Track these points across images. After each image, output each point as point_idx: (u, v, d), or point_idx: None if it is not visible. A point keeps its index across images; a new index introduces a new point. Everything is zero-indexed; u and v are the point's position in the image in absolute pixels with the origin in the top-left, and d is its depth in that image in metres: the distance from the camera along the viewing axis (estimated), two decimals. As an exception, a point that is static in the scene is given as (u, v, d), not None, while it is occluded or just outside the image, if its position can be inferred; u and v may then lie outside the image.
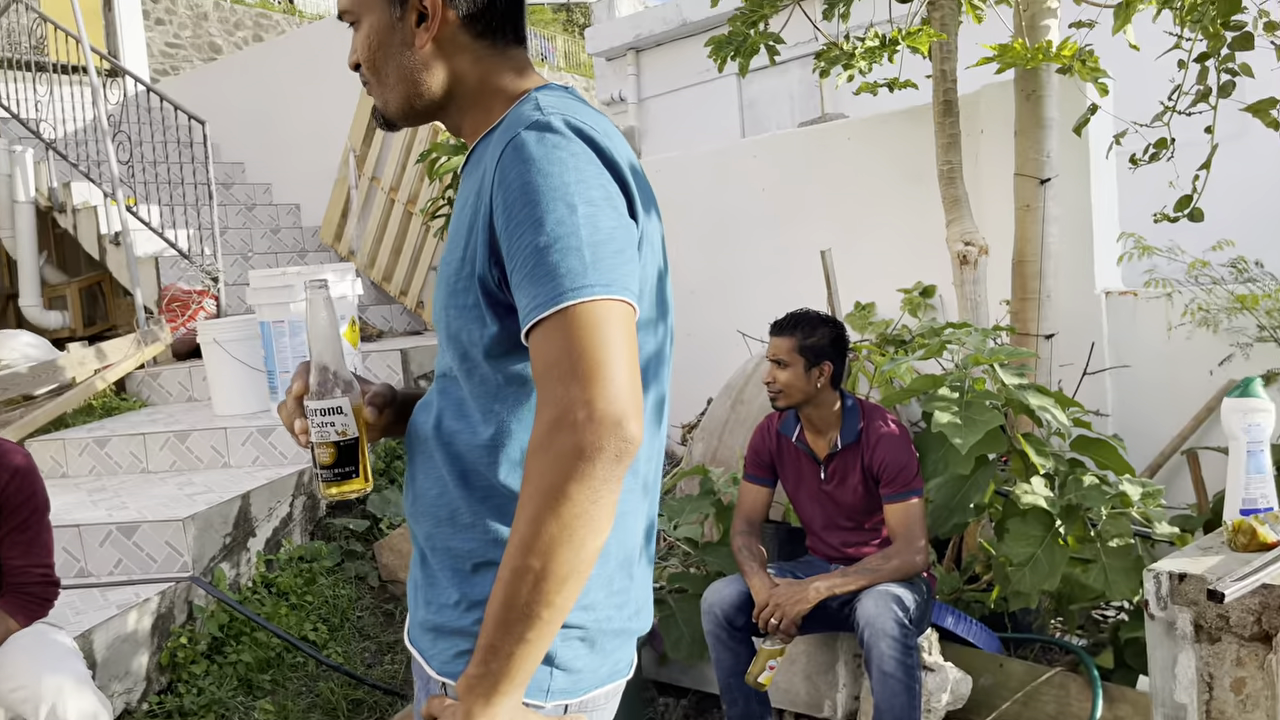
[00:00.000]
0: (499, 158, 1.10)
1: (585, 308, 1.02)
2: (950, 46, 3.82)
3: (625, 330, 1.04)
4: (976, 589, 3.40)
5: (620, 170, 1.11)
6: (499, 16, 1.24)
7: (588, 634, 1.17)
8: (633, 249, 1.10)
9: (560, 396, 1.01)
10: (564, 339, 1.02)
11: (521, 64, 1.27)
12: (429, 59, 1.22)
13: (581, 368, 1.01)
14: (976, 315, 3.80)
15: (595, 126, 1.12)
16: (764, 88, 9.63)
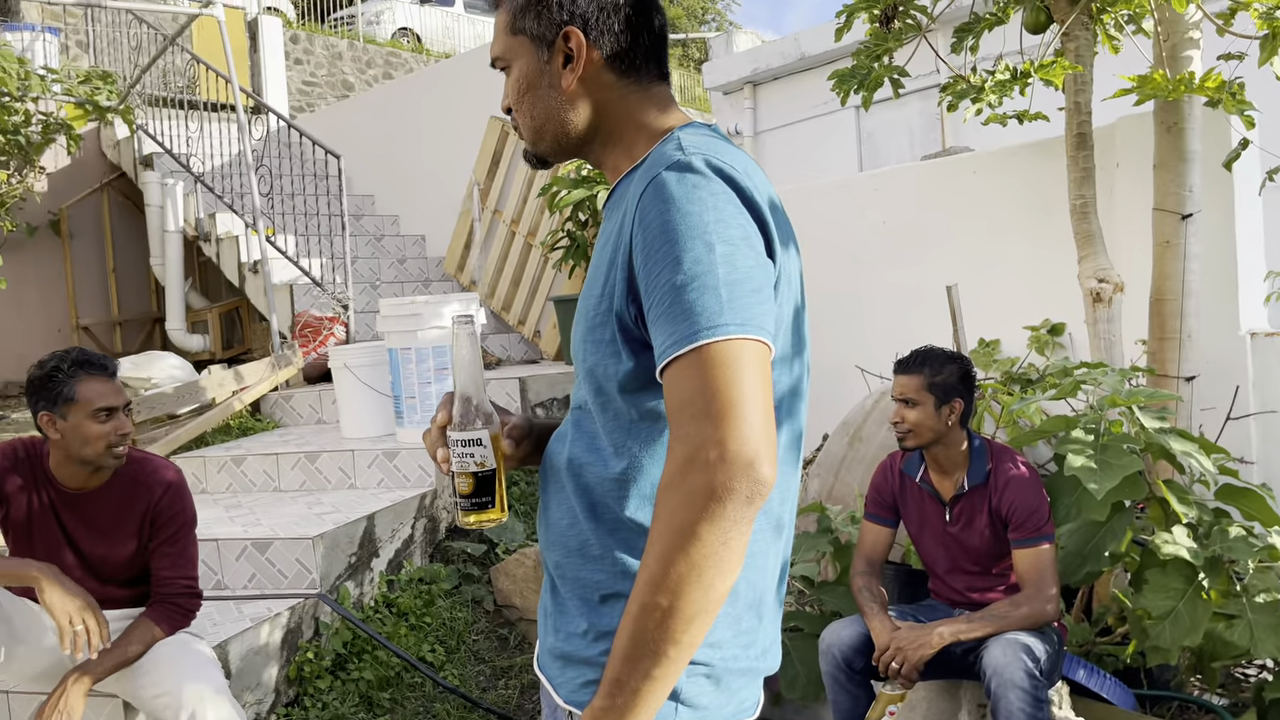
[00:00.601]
0: (640, 197, 1.12)
1: (720, 346, 1.03)
2: (1085, 78, 3.72)
3: (760, 370, 1.04)
4: (1109, 642, 3.25)
5: (759, 209, 1.12)
6: (642, 55, 1.27)
7: (713, 671, 1.16)
8: (769, 289, 1.10)
9: (693, 435, 1.02)
10: (698, 377, 1.03)
11: (665, 101, 1.29)
12: (575, 99, 1.26)
13: (715, 407, 1.01)
14: (1110, 355, 3.66)
15: (736, 165, 1.12)
16: (883, 120, 9.54)
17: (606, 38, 1.24)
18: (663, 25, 1.29)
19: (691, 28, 31.20)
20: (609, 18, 1.24)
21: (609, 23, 1.24)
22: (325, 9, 17.40)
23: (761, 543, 1.20)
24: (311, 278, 6.28)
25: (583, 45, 1.24)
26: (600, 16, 1.24)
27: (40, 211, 7.78)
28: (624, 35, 1.24)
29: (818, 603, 3.42)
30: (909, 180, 5.23)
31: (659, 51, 1.29)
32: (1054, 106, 3.91)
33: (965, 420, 2.81)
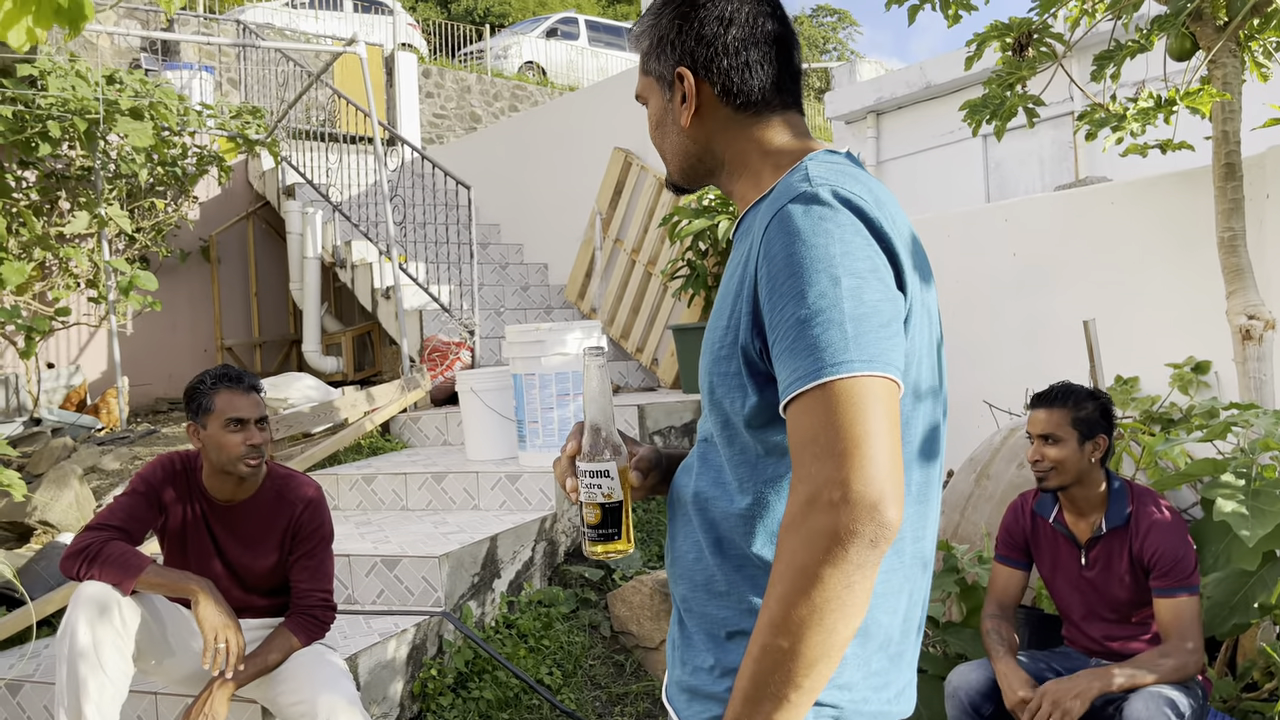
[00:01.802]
0: (765, 229, 1.12)
1: (845, 384, 1.01)
2: (1234, 106, 3.56)
3: (887, 407, 1.02)
4: (1256, 698, 3.06)
5: (889, 241, 1.10)
6: (762, 87, 1.28)
7: (842, 714, 1.14)
8: (898, 323, 1.08)
9: (815, 474, 1.00)
10: (823, 415, 1.01)
11: (794, 130, 1.29)
12: (695, 134, 1.31)
13: (839, 446, 1.00)
14: (1261, 395, 3.47)
15: (865, 196, 1.11)
16: (1012, 149, 9.30)
17: (718, 75, 1.27)
18: (787, 55, 1.30)
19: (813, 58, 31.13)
20: (719, 56, 1.27)
21: (719, 60, 1.27)
22: (456, 44, 18.08)
23: (894, 582, 1.18)
24: (440, 304, 6.50)
25: (693, 84, 1.28)
26: (710, 55, 1.26)
27: (192, 238, 8.30)
28: (737, 71, 1.27)
29: (942, 644, 3.33)
30: (1041, 211, 5.08)
31: (785, 82, 1.30)
32: (1198, 135, 3.76)
33: (1105, 460, 2.71)
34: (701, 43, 1.27)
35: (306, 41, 11.82)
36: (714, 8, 1.28)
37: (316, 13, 13.92)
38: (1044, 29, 3.92)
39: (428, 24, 18.64)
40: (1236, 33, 3.53)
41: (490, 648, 3.69)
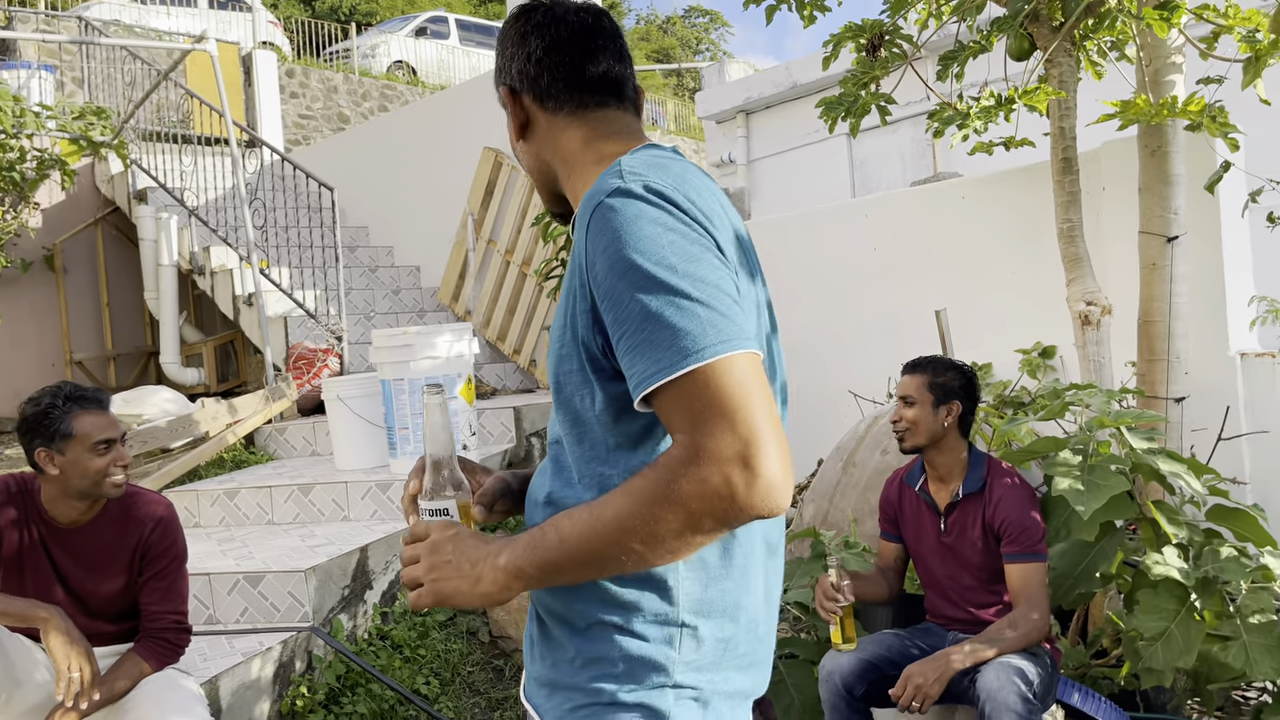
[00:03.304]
0: (586, 226, 1.12)
1: (716, 367, 1.02)
2: (1069, 104, 3.75)
3: (759, 380, 1.04)
4: (1104, 664, 3.24)
5: (706, 227, 1.11)
6: (572, 89, 1.30)
7: (701, 695, 1.17)
8: (736, 292, 1.10)
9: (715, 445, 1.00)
10: (703, 397, 1.01)
11: (615, 127, 1.31)
12: (530, 147, 1.35)
13: (737, 425, 1.00)
14: (1100, 377, 3.67)
15: (677, 187, 1.12)
16: (875, 147, 9.61)
17: (530, 83, 1.31)
18: (603, 55, 1.32)
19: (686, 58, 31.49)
20: (529, 66, 1.31)
21: (529, 70, 1.31)
22: (321, 43, 17.57)
23: (754, 564, 1.21)
24: (306, 310, 6.30)
25: (515, 100, 1.33)
26: (523, 67, 1.32)
27: (34, 247, 7.81)
28: (547, 77, 1.30)
29: (813, 629, 3.41)
30: (899, 206, 5.27)
31: (603, 81, 1.31)
32: (1040, 132, 3.95)
33: (965, 428, 2.83)
34: (516, 59, 1.32)
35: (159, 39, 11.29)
36: (523, 23, 1.33)
37: (169, 9, 13.30)
38: (895, 30, 4.06)
39: (290, 22, 18.05)
40: (1071, 33, 3.71)
41: (363, 661, 3.59)
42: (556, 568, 1.08)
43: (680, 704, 1.16)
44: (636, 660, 1.15)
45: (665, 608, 1.15)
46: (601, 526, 1.05)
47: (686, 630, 1.16)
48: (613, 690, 1.15)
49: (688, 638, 1.16)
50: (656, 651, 1.15)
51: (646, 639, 1.15)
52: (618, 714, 1.15)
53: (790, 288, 5.72)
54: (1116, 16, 3.64)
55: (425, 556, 1.16)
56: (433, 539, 1.17)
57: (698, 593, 1.16)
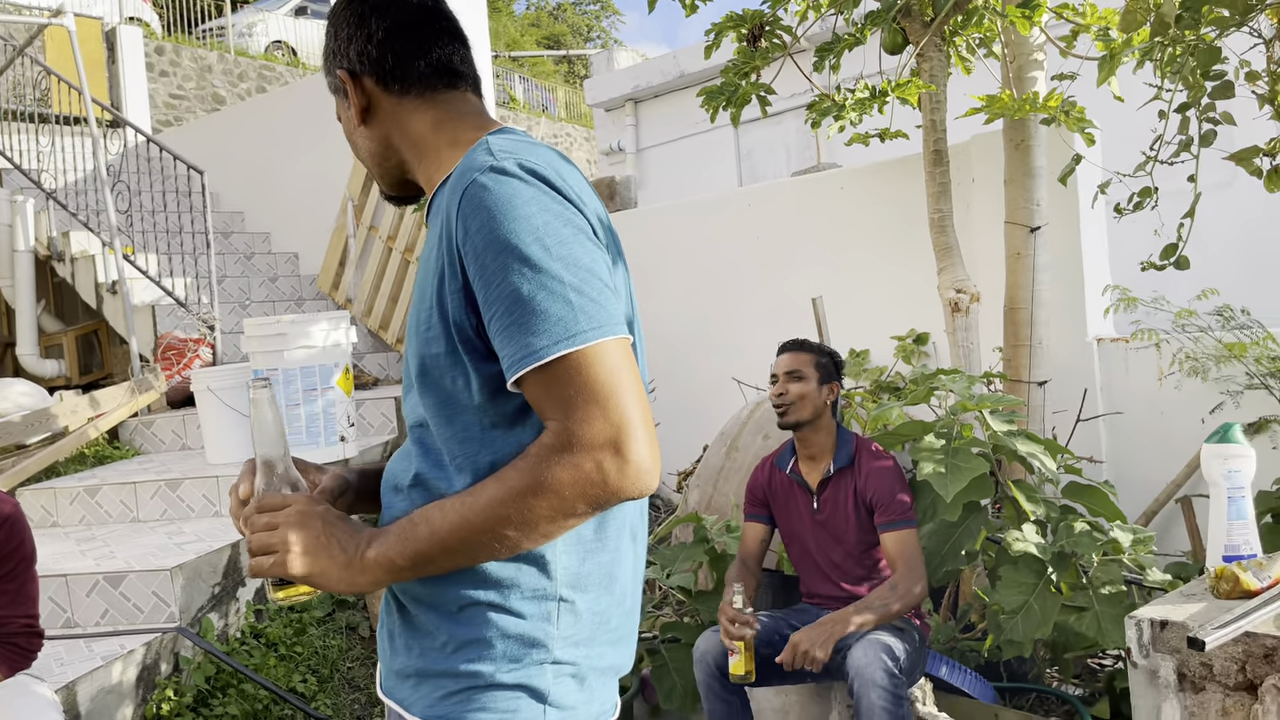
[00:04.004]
0: (459, 205, 1.10)
1: (586, 353, 1.02)
2: (939, 97, 3.87)
3: (629, 366, 1.05)
4: (971, 638, 3.36)
5: (579, 206, 1.12)
6: (419, 70, 1.27)
7: (579, 670, 1.17)
8: (609, 276, 1.10)
9: (586, 431, 1.02)
10: (574, 383, 1.02)
11: (465, 110, 1.29)
12: (372, 131, 1.30)
13: (608, 411, 1.02)
14: (969, 362, 3.81)
15: (550, 166, 1.12)
16: (761, 138, 9.75)
17: (373, 66, 1.27)
18: (447, 36, 1.29)
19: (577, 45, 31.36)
20: (370, 48, 1.27)
21: (370, 52, 1.27)
22: (194, 20, 16.82)
23: (623, 544, 1.22)
24: (175, 298, 6.03)
25: (355, 84, 1.28)
26: (363, 50, 1.27)
27: (-126, 231, 7.26)
28: (391, 58, 1.26)
29: (695, 612, 3.44)
30: (780, 196, 5.35)
31: (446, 62, 1.28)
32: (914, 125, 4.06)
33: (834, 411, 2.91)
34: (355, 41, 1.28)
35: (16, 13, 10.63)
36: (360, 4, 1.28)
37: (27, -20, 12.53)
38: (775, 21, 4.10)
39: (161, -3, 17.24)
40: (941, 28, 3.82)
41: (233, 661, 3.47)
42: (428, 559, 1.09)
43: (559, 681, 1.15)
44: (514, 639, 1.14)
45: (543, 582, 1.14)
46: (474, 516, 1.05)
47: (564, 604, 1.15)
48: (490, 672, 1.13)
49: (565, 612, 1.15)
50: (535, 628, 1.14)
51: (524, 616, 1.14)
52: (495, 695, 1.13)
53: (676, 276, 5.76)
54: (983, 14, 3.77)
55: (288, 526, 1.12)
56: (298, 509, 1.13)
57: (575, 566, 1.16)
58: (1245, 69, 2.52)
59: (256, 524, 1.14)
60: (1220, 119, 2.68)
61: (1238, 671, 1.29)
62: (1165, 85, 2.72)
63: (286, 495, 1.16)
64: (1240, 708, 1.29)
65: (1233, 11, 2.30)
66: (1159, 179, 3.05)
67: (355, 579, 1.10)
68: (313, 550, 1.11)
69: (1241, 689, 1.29)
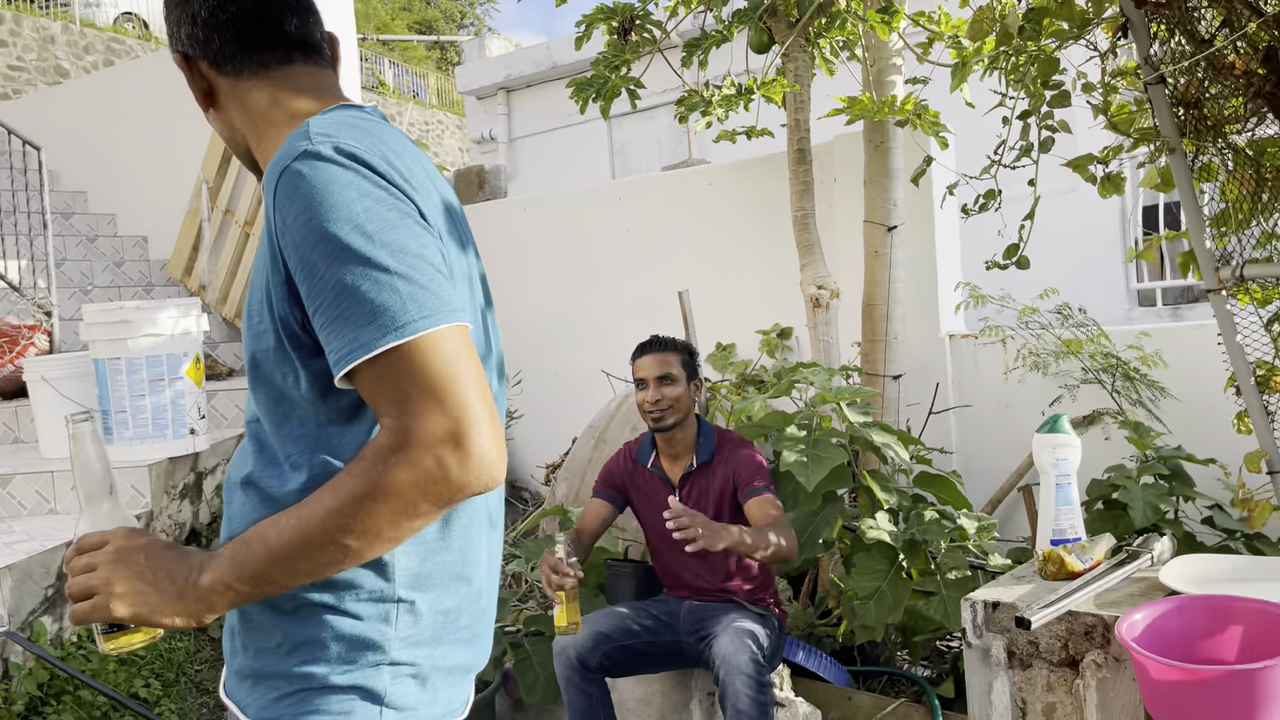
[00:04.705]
0: (273, 196, 1.05)
1: (420, 343, 0.98)
2: (803, 97, 3.96)
3: (468, 354, 1.01)
4: (828, 624, 3.47)
5: (405, 190, 1.06)
6: (249, 47, 1.21)
7: (419, 671, 1.14)
8: (441, 261, 1.06)
9: (422, 426, 0.97)
10: (408, 375, 0.97)
11: (305, 84, 1.22)
12: (217, 115, 1.26)
13: (444, 402, 0.97)
14: (828, 356, 3.92)
15: (372, 149, 1.06)
16: (633, 132, 9.80)
17: (204, 47, 1.21)
18: (278, 11, 1.23)
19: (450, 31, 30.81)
20: (198, 29, 1.21)
21: (198, 33, 1.21)
22: (35, -14, 15.75)
23: (476, 537, 1.19)
24: (8, 282, 5.63)
25: (184, 66, 1.24)
26: (193, 31, 1.22)
27: None
28: (219, 38, 1.21)
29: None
30: (650, 190, 5.39)
31: (280, 36, 1.22)
32: (779, 124, 4.14)
33: (694, 405, 2.94)
34: (183, 24, 1.22)
35: None
36: None
37: None
38: (646, 16, 4.12)
39: (-3, -41, 16.07)
40: (806, 30, 3.92)
41: (68, 666, 3.26)
42: (268, 579, 1.03)
43: (397, 682, 1.12)
44: (349, 640, 1.10)
45: (381, 584, 1.11)
46: (311, 529, 1.00)
47: (404, 605, 1.12)
48: (323, 674, 1.10)
49: (405, 613, 1.12)
50: (371, 629, 1.10)
51: (360, 617, 1.10)
52: (329, 698, 1.10)
53: (546, 267, 5.73)
54: (846, 18, 3.88)
55: (107, 565, 1.06)
56: (116, 546, 1.07)
57: (415, 566, 1.13)
58: (1082, 80, 2.67)
59: (75, 567, 1.08)
60: (1058, 127, 2.83)
61: (1061, 648, 1.37)
62: (1009, 93, 2.86)
63: (106, 532, 1.09)
64: (1063, 682, 1.36)
65: (1071, 25, 2.43)
66: (1010, 182, 3.20)
67: (191, 609, 1.04)
68: (137, 587, 1.04)
69: (1065, 665, 1.37)
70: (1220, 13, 2.12)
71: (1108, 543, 1.63)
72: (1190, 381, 3.61)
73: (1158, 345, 3.73)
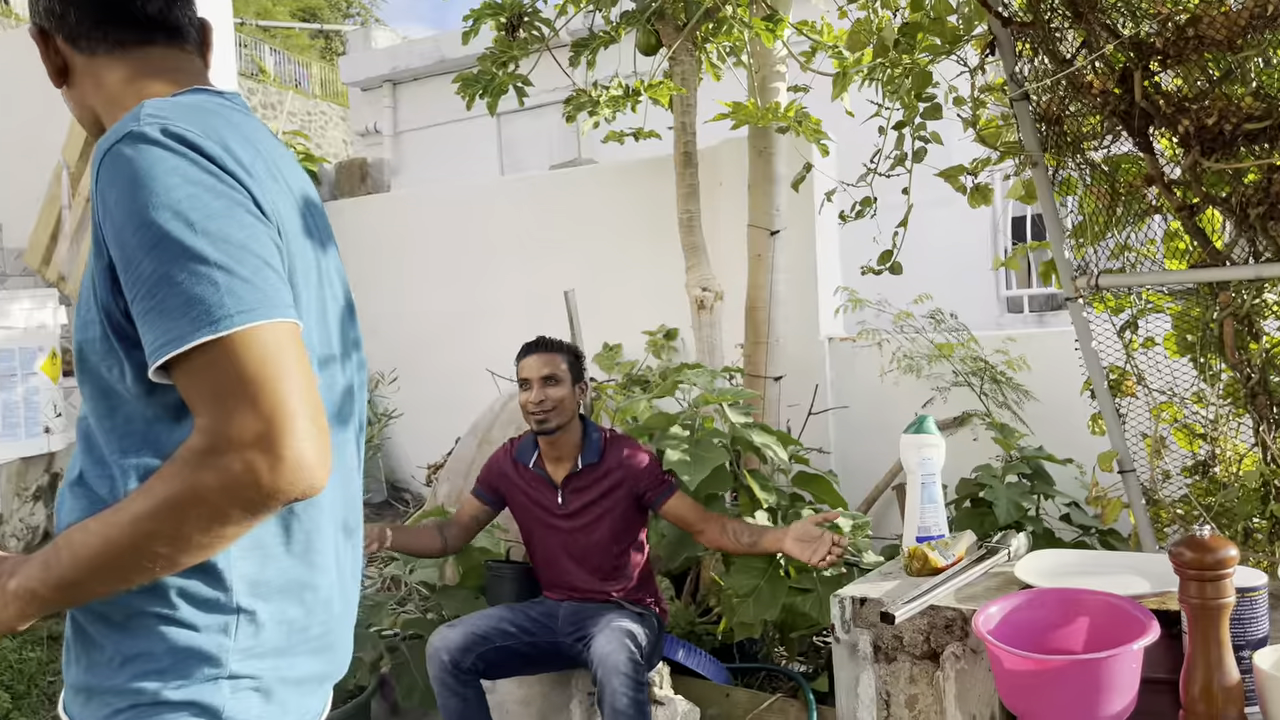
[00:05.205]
0: (96, 178, 1.00)
1: (228, 342, 0.94)
2: (690, 101, 4.00)
3: (294, 353, 0.97)
4: (708, 622, 3.51)
5: (240, 178, 1.02)
6: (108, 24, 1.16)
7: (262, 684, 1.09)
8: (273, 254, 1.01)
9: (235, 427, 0.93)
10: (223, 373, 0.93)
11: (163, 66, 1.17)
12: (70, 93, 1.20)
13: (259, 403, 0.93)
14: (712, 358, 3.97)
15: (209, 133, 1.02)
16: (523, 129, 9.74)
17: (58, 22, 1.16)
18: None
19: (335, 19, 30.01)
20: (55, 4, 1.16)
21: (55, 9, 1.16)
22: (-122, -48, 14.66)
23: (323, 540, 1.14)
24: None
25: (40, 40, 1.19)
26: (52, 5, 1.17)
27: None
28: (73, 15, 1.16)
29: (438, 607, 3.38)
30: (538, 188, 5.36)
31: (141, 16, 1.16)
32: (667, 126, 4.17)
33: (579, 408, 2.93)
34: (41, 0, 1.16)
35: None
36: None
37: None
38: (534, 13, 4.10)
39: None
40: (693, 34, 3.96)
41: (-96, 682, 3.05)
42: (76, 585, 0.98)
43: (237, 696, 1.07)
44: (184, 653, 1.04)
45: (217, 593, 1.05)
46: (118, 535, 0.96)
47: (244, 615, 1.07)
48: (156, 689, 1.04)
49: (245, 623, 1.07)
50: (208, 641, 1.05)
51: (197, 628, 1.05)
52: (162, 714, 1.04)
53: (430, 263, 5.64)
54: (732, 24, 3.94)
55: None
56: None
57: (254, 573, 1.07)
58: (954, 94, 2.78)
59: None
60: (930, 138, 2.94)
61: (923, 642, 1.42)
62: (885, 104, 2.95)
63: None
64: (925, 675, 1.41)
65: (943, 41, 2.52)
66: (889, 191, 3.30)
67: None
68: None
69: (927, 658, 1.42)
70: (1080, 34, 2.23)
71: (969, 539, 1.70)
72: (1052, 385, 3.79)
73: (1022, 350, 3.91)
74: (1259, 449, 2.29)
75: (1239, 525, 2.34)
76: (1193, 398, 2.39)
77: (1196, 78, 2.11)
